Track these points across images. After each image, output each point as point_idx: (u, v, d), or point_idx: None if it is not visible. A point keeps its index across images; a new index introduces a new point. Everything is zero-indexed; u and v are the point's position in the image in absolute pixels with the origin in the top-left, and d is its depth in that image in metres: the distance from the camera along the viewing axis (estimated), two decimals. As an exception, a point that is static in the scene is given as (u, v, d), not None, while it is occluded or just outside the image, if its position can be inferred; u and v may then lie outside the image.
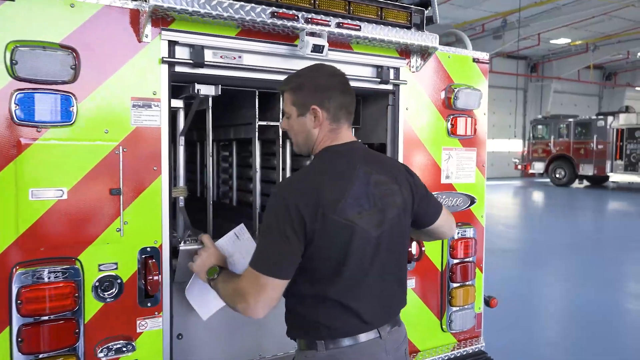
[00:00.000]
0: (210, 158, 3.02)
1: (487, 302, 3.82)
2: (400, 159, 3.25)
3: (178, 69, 2.54)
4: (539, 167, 24.84)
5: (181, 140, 3.09)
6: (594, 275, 8.52)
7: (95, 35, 2.33)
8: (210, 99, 2.93)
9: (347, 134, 2.11)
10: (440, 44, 3.23)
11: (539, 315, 6.53)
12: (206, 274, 2.24)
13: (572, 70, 29.53)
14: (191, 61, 2.54)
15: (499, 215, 15.56)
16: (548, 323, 6.31)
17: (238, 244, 2.45)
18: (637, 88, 33.45)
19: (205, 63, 2.56)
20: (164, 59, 2.47)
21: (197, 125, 4.56)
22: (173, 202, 3.14)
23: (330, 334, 1.99)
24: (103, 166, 2.38)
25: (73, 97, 2.28)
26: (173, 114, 3.10)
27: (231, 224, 4.09)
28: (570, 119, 23.91)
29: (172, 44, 2.50)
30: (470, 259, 3.57)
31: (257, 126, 3.23)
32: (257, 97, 3.19)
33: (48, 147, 2.25)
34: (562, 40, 26.22)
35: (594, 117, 23.92)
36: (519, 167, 26.41)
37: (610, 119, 22.49)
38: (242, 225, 2.51)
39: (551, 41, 26.14)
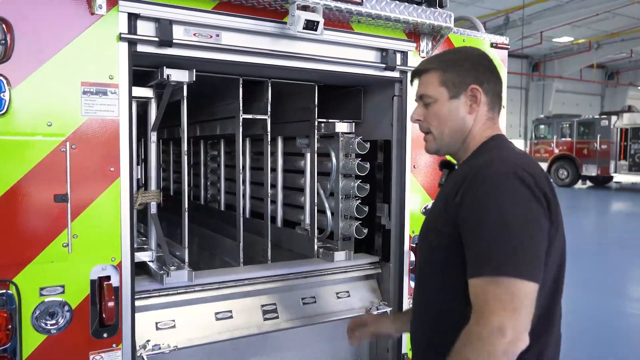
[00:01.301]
0: (185, 157, 2.57)
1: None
2: (408, 158, 2.81)
3: (141, 48, 2.09)
4: (541, 167, 24.43)
5: (153, 137, 2.65)
6: (601, 281, 8.08)
7: (33, 4, 1.88)
8: (185, 88, 2.47)
9: (499, 125, 1.71)
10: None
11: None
12: None
13: (575, 69, 29.09)
14: (156, 39, 2.09)
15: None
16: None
17: None
18: (639, 87, 33.04)
19: (174, 42, 2.11)
20: (123, 36, 2.02)
21: (195, 120, 4.12)
22: (144, 209, 2.71)
23: None
24: (45, 167, 1.93)
25: (4, 81, 1.83)
26: (144, 105, 2.67)
27: (215, 234, 3.67)
28: (574, 119, 23.49)
29: (132, 17, 2.05)
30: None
31: (241, 120, 2.78)
32: (240, 85, 2.74)
33: (-28, 142, 1.80)
34: (565, 39, 25.76)
35: (597, 116, 23.50)
36: (521, 167, 25.93)
37: (614, 118, 22.03)
38: None
39: (554, 40, 25.68)
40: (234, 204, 4.12)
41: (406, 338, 2.86)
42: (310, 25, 2.24)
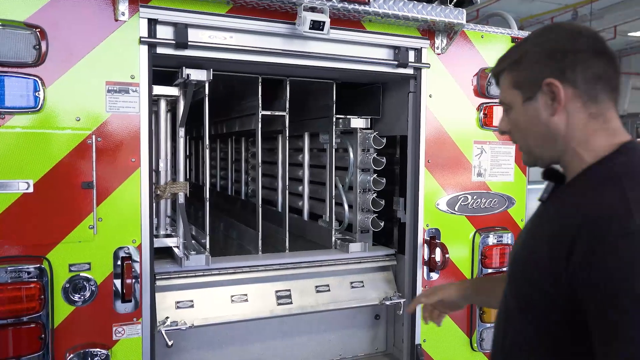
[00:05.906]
0: (207, 151, 2.76)
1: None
2: (422, 153, 2.86)
3: (160, 50, 2.30)
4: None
5: (181, 132, 2.86)
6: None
7: (64, 13, 2.12)
8: (207, 86, 2.67)
9: (619, 125, 1.30)
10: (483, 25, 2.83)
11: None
12: None
13: (653, 65, 27.33)
14: (173, 41, 2.29)
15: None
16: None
17: None
18: None
19: (190, 43, 2.30)
20: (143, 39, 2.24)
21: (222, 118, 4.35)
22: (173, 199, 2.93)
23: None
24: (74, 157, 2.17)
25: (39, 81, 2.09)
26: (172, 103, 2.89)
27: (241, 225, 3.82)
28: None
29: (152, 22, 2.26)
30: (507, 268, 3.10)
31: (260, 116, 2.95)
32: (260, 84, 2.91)
33: (12, 135, 2.07)
34: (642, 33, 24.30)
35: (677, 115, 21.96)
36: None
37: (696, 117, 20.55)
38: None
39: (629, 34, 24.22)
40: (267, 198, 4.31)
41: (420, 328, 2.93)
42: (317, 25, 2.36)
